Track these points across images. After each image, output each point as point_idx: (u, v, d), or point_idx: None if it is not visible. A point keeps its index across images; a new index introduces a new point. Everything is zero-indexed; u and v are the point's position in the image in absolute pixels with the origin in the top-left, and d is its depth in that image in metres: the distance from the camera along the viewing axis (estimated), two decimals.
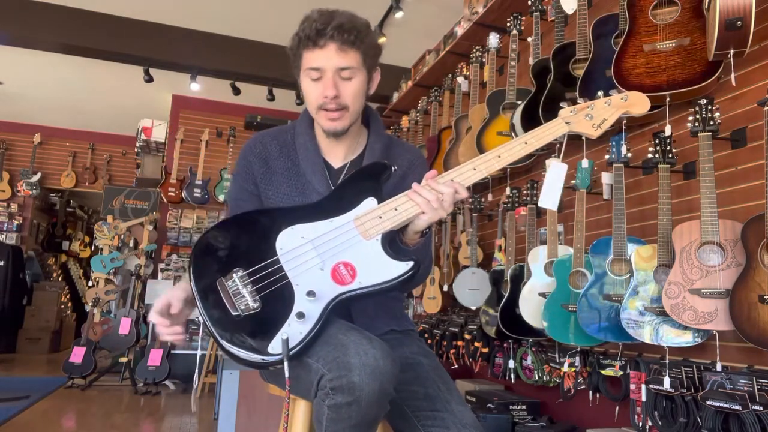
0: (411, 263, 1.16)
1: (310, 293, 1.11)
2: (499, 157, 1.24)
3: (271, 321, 1.10)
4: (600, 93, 1.79)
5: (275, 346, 1.07)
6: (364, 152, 1.41)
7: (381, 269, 1.16)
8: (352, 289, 1.15)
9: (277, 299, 1.13)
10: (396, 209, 1.19)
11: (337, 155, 1.41)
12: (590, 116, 1.29)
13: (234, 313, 1.11)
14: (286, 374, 1.05)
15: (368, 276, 1.16)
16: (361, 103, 1.35)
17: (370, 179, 1.24)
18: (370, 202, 1.21)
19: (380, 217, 1.19)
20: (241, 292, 1.13)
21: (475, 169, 1.23)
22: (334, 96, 1.27)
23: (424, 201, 1.18)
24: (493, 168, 1.25)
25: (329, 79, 1.27)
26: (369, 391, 1.02)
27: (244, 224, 1.24)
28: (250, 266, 1.16)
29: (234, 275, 1.14)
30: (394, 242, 1.24)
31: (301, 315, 1.09)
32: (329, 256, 1.17)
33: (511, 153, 1.25)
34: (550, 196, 1.40)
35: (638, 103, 1.31)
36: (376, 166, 1.26)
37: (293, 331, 1.08)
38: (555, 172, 1.42)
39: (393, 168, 1.25)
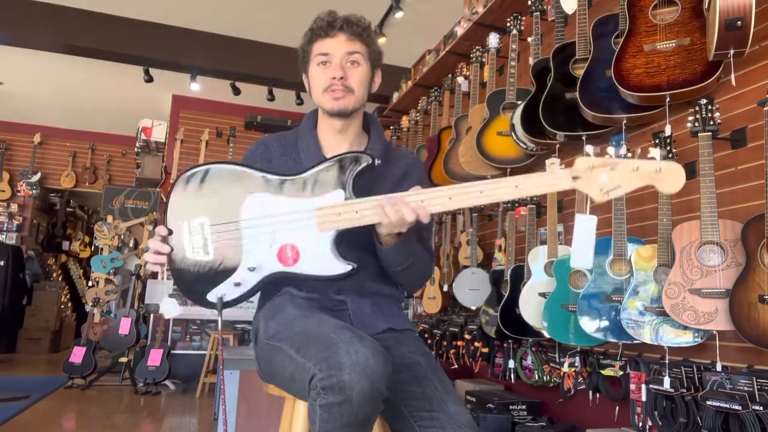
0: (349, 267, 1.24)
1: (251, 269, 1.26)
2: (482, 192, 1.18)
3: (216, 274, 1.27)
4: (638, 150, 1.74)
5: (211, 297, 1.28)
6: (365, 150, 1.45)
7: (322, 263, 1.24)
8: (291, 272, 1.26)
9: (227, 255, 1.28)
10: (357, 212, 1.22)
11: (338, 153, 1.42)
12: (605, 177, 1.14)
13: (189, 253, 1.28)
14: (219, 327, 1.28)
15: (309, 265, 1.26)
16: (365, 92, 1.42)
17: (345, 169, 1.27)
18: (336, 195, 1.25)
19: (339, 214, 1.23)
20: (200, 240, 1.28)
21: (450, 198, 1.19)
22: (341, 77, 1.36)
23: (386, 218, 1.20)
24: (472, 203, 1.20)
25: (337, 63, 1.37)
26: (359, 390, 1.02)
27: (222, 178, 1.32)
28: (215, 220, 1.29)
29: (199, 222, 1.28)
30: (369, 241, 1.30)
31: (238, 284, 1.26)
32: (281, 236, 1.25)
33: (497, 192, 1.18)
34: (582, 254, 1.25)
35: (670, 181, 1.12)
36: (359, 157, 1.27)
37: (229, 292, 1.27)
38: (584, 226, 1.24)
39: (376, 161, 1.28)
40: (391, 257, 1.32)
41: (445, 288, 3.37)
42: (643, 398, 1.96)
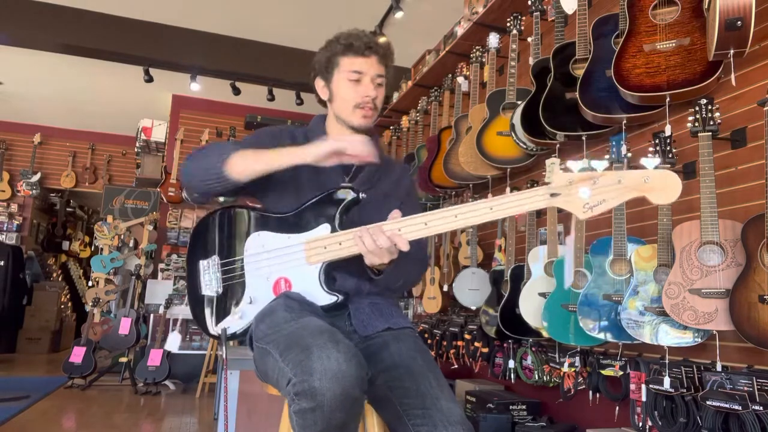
0: (334, 299, 1.34)
1: (250, 300, 1.38)
2: (456, 217, 1.20)
3: (224, 307, 1.41)
4: (624, 157, 1.75)
5: (218, 329, 1.40)
6: None
7: (310, 294, 1.35)
8: None
9: (233, 291, 1.41)
10: (340, 244, 1.31)
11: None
12: (587, 192, 1.08)
13: (202, 290, 1.43)
14: (224, 354, 1.37)
15: None
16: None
17: (332, 204, 1.36)
18: (323, 229, 1.35)
19: (325, 248, 1.32)
20: (212, 277, 1.42)
21: (426, 225, 1.23)
22: (374, 97, 1.47)
23: (364, 248, 1.26)
24: (446, 228, 1.21)
25: (369, 83, 1.47)
26: (331, 396, 1.02)
27: (230, 218, 1.47)
28: (223, 257, 1.43)
29: (211, 261, 1.43)
30: (359, 266, 1.34)
31: (240, 316, 1.39)
32: (276, 269, 1.38)
33: (471, 216, 1.18)
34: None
35: (662, 190, 1.00)
36: (346, 192, 1.36)
37: (233, 324, 1.40)
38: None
39: (361, 195, 1.37)
40: (384, 282, 1.40)
41: (445, 288, 3.37)
42: (643, 398, 1.96)
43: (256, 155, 1.34)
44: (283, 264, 1.36)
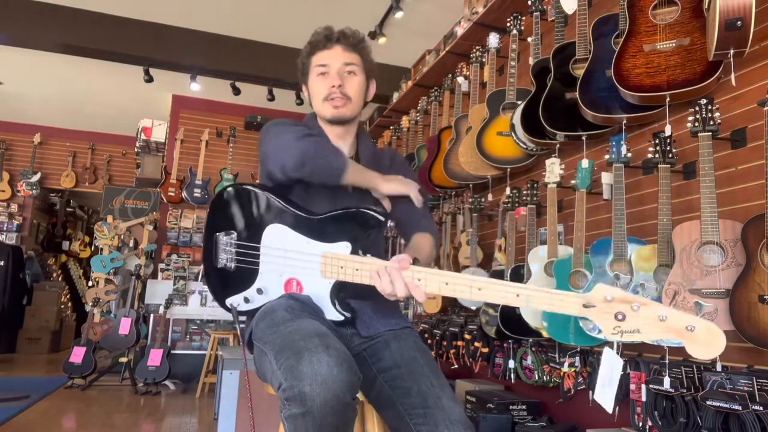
0: (342, 318, 1.34)
1: (259, 290, 1.40)
2: (480, 290, 1.15)
3: (235, 284, 1.42)
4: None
5: (227, 304, 1.43)
6: (357, 153, 1.57)
7: (320, 304, 1.35)
8: None
9: (245, 273, 1.41)
10: (357, 270, 1.29)
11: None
12: (622, 316, 1.00)
13: (216, 261, 1.44)
14: (238, 331, 1.42)
15: None
16: (361, 101, 1.51)
17: (358, 224, 1.35)
18: (343, 247, 1.33)
19: (342, 267, 1.31)
20: (227, 252, 1.43)
21: (447, 284, 1.18)
22: (339, 85, 1.45)
23: (380, 285, 1.22)
24: (466, 295, 1.15)
25: (335, 73, 1.46)
26: (321, 402, 1.01)
27: (255, 200, 1.44)
28: (241, 238, 1.42)
29: (228, 237, 1.43)
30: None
31: (247, 300, 1.42)
32: (290, 270, 1.38)
33: (494, 294, 1.13)
34: (604, 393, 1.37)
35: (704, 344, 0.94)
36: (373, 216, 1.35)
37: (241, 304, 1.42)
38: (609, 363, 1.39)
39: (386, 221, 1.37)
40: None
41: None
42: (643, 398, 1.96)
43: (363, 171, 1.43)
44: (298, 267, 1.36)
